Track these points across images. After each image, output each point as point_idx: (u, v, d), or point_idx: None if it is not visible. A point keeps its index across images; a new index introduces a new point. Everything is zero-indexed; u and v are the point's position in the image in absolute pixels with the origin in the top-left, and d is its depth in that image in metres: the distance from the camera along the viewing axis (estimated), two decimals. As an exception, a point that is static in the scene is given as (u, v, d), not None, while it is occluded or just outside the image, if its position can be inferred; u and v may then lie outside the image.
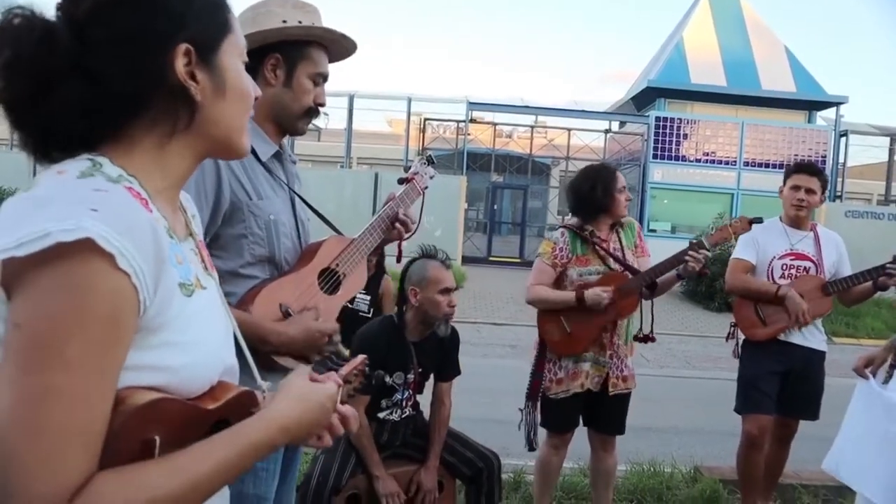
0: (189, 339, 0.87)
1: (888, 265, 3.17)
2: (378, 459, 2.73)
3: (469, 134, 19.68)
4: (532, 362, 3.23)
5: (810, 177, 3.39)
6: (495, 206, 22.13)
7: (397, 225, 1.97)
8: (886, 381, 2.59)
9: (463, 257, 16.87)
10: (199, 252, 0.99)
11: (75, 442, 0.73)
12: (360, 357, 1.22)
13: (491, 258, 19.02)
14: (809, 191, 3.37)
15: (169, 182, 0.92)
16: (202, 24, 0.89)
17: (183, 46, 0.86)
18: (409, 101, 18.86)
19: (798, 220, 3.43)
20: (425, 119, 20.49)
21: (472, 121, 19.70)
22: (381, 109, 22.42)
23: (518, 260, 18.94)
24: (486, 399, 5.26)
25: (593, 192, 3.12)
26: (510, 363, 7.28)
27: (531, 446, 3.24)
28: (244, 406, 0.94)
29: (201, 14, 0.90)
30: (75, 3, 0.84)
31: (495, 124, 20.66)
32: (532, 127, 21.34)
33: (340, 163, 20.67)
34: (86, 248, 0.73)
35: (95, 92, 0.82)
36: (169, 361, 0.84)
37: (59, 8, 0.84)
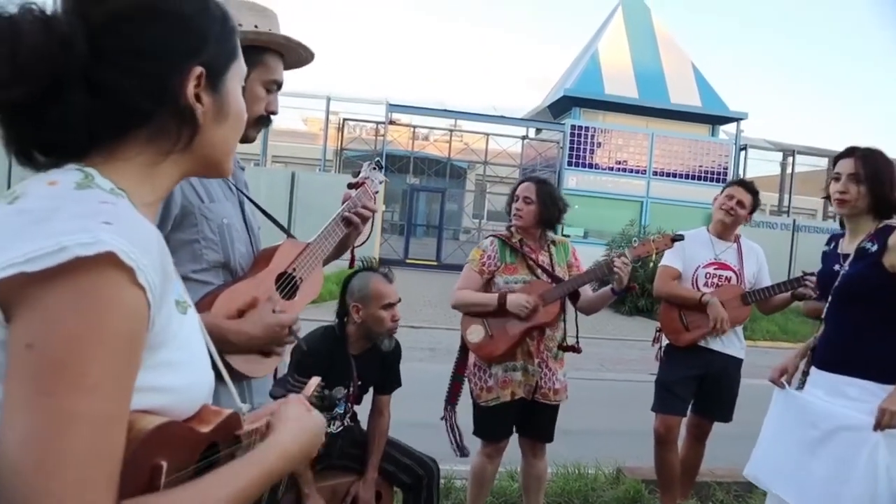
0: (186, 359, 0.82)
1: (805, 276, 3.36)
2: (311, 477, 2.63)
3: (387, 135, 19.62)
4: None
5: (745, 192, 3.60)
6: (412, 209, 22.16)
7: (354, 219, 1.93)
8: (800, 387, 2.69)
9: (379, 259, 16.71)
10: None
11: (100, 472, 0.67)
12: (315, 379, 1.22)
13: (408, 260, 19.00)
14: (740, 203, 3.56)
15: (155, 198, 0.88)
16: (218, 47, 0.89)
17: (198, 69, 0.84)
18: (329, 100, 18.63)
19: (724, 227, 3.61)
20: (344, 119, 20.28)
21: (391, 122, 19.64)
22: (298, 108, 22.05)
23: (435, 263, 19.03)
24: (407, 403, 5.19)
25: (507, 200, 3.30)
26: (428, 367, 7.25)
27: (462, 452, 3.23)
28: (231, 429, 0.90)
29: (220, 38, 0.89)
30: (93, 6, 0.78)
31: (414, 127, 20.70)
32: (450, 131, 21.52)
33: (256, 161, 20.15)
34: (106, 262, 0.68)
35: (102, 104, 0.77)
36: (169, 382, 0.79)
37: (73, 11, 0.77)
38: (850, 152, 2.63)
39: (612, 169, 18.95)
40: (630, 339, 10.55)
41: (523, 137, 21.51)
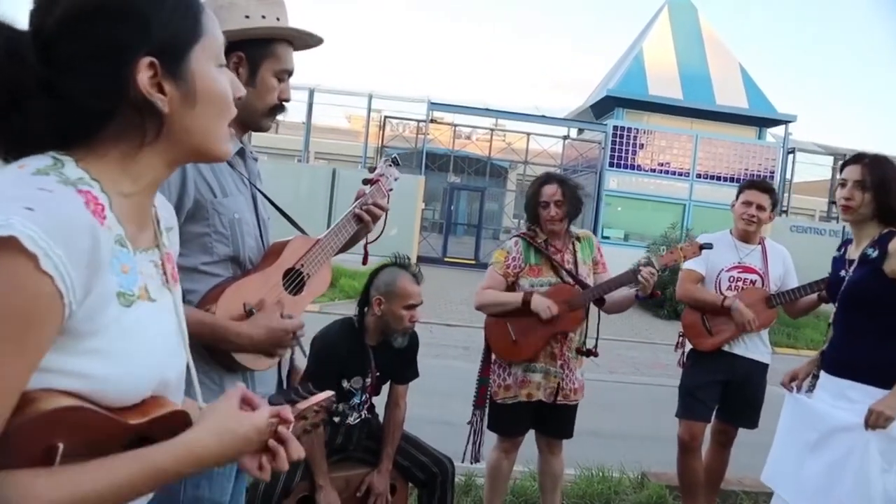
0: (121, 350, 0.84)
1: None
2: (325, 470, 2.66)
3: (428, 134, 19.68)
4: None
5: (761, 193, 3.50)
6: (452, 207, 22.18)
7: (365, 216, 1.94)
8: (810, 391, 2.79)
9: (418, 257, 16.87)
10: (161, 264, 0.96)
11: None
12: (327, 393, 1.13)
13: (446, 259, 19.06)
14: (760, 207, 3.47)
15: (138, 188, 0.90)
16: (170, 31, 0.86)
17: (147, 60, 0.84)
18: (371, 97, 18.75)
19: (747, 234, 3.53)
20: (385, 117, 20.40)
21: (433, 121, 19.70)
22: (341, 105, 22.26)
23: (473, 261, 19.04)
24: (438, 401, 5.26)
25: (528, 203, 3.23)
26: (462, 365, 7.27)
27: (475, 458, 3.25)
28: (174, 426, 0.90)
29: (170, 21, 0.86)
30: (45, 14, 0.81)
31: (455, 125, 20.70)
32: (492, 130, 21.47)
33: (298, 156, 20.43)
34: (9, 245, 0.71)
35: (62, 108, 0.81)
36: (94, 370, 0.81)
37: (31, 20, 0.82)
38: (858, 158, 2.68)
39: (654, 171, 18.63)
40: (666, 343, 10.37)
41: (565, 137, 21.31)
